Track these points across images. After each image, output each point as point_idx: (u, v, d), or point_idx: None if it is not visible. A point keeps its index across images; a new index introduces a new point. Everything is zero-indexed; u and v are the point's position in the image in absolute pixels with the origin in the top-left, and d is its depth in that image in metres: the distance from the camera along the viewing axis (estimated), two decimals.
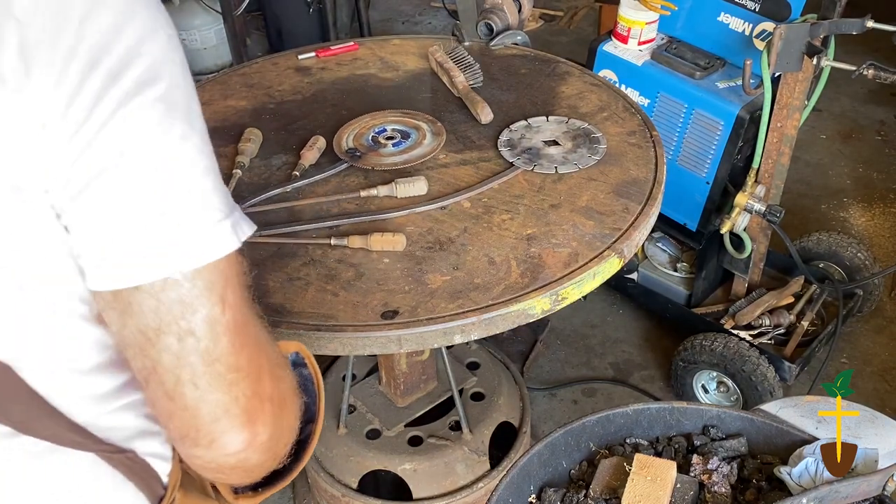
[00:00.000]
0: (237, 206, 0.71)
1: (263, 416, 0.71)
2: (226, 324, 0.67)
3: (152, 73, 0.63)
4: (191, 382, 0.67)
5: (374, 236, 1.35)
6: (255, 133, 1.64)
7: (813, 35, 1.88)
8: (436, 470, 1.90)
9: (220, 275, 0.67)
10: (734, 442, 1.05)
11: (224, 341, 0.67)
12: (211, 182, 0.67)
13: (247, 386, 0.69)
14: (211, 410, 0.68)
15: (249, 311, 0.72)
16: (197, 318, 0.66)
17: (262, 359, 0.72)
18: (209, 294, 0.66)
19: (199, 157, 0.66)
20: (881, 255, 2.88)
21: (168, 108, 0.64)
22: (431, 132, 1.64)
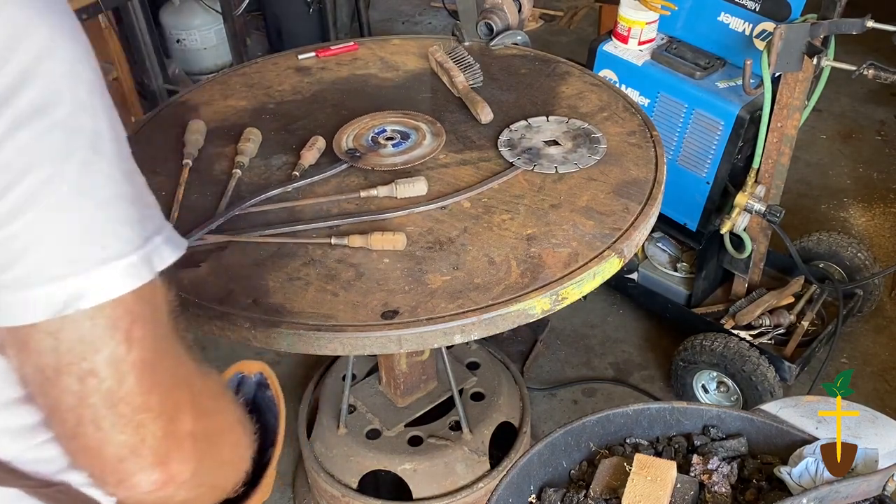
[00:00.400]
0: (164, 227, 0.67)
1: (181, 454, 0.67)
2: (132, 363, 0.63)
3: (51, 95, 0.58)
4: (93, 423, 0.63)
5: (374, 235, 1.35)
6: (255, 133, 1.64)
7: (813, 35, 1.88)
8: (436, 470, 1.90)
9: (126, 311, 0.62)
10: (734, 442, 1.05)
11: (130, 381, 0.63)
12: (119, 211, 0.62)
13: (157, 427, 0.65)
14: (116, 451, 0.64)
15: (168, 345, 0.68)
16: (99, 357, 0.61)
17: (179, 395, 0.68)
18: (112, 332, 0.62)
19: (104, 186, 0.61)
20: (881, 255, 2.88)
21: (68, 134, 0.59)
22: (431, 133, 1.64)
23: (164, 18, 3.83)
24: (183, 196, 1.50)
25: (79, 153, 0.60)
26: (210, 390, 0.74)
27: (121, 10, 3.03)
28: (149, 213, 0.66)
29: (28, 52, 0.57)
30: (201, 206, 1.49)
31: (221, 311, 1.26)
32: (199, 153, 1.62)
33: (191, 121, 1.66)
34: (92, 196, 0.60)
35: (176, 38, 3.84)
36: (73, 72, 0.60)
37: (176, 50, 3.87)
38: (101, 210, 0.61)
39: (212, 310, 1.26)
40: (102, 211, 0.61)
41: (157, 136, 1.69)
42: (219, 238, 1.39)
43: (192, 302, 1.27)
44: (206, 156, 1.63)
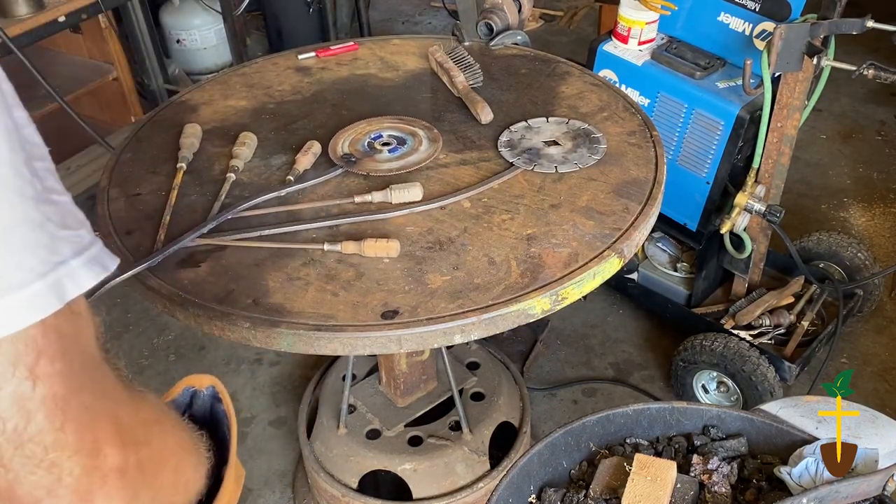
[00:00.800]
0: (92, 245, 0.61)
1: (106, 490, 0.63)
2: (40, 399, 0.58)
3: None
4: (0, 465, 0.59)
5: (367, 242, 1.35)
6: (250, 137, 1.63)
7: (813, 35, 1.88)
8: (436, 470, 1.90)
9: (29, 345, 0.57)
10: (734, 442, 1.05)
11: (38, 419, 0.58)
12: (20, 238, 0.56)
13: (75, 463, 0.61)
14: (28, 492, 0.60)
15: (87, 375, 0.63)
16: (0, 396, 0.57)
17: (101, 429, 0.63)
18: (13, 369, 0.57)
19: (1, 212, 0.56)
20: (881, 255, 2.88)
21: None
22: (428, 138, 1.64)
23: (164, 18, 3.83)
24: (181, 196, 1.50)
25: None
26: (142, 419, 0.70)
27: (121, 10, 3.03)
28: (66, 235, 0.59)
29: None
30: (200, 206, 1.49)
31: (221, 311, 1.26)
32: (200, 153, 1.62)
33: (186, 124, 1.66)
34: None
35: (176, 38, 3.84)
36: None
37: (176, 50, 3.87)
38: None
39: (212, 310, 1.26)
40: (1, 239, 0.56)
41: (157, 136, 1.69)
42: (211, 241, 1.39)
43: (192, 302, 1.27)
44: (206, 156, 1.63)
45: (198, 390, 0.94)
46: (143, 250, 1.38)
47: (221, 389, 0.94)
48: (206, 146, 1.65)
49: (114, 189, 1.54)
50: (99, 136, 2.71)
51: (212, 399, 0.94)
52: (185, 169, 1.56)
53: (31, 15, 2.57)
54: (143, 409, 0.71)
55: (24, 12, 2.57)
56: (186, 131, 1.64)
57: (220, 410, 0.93)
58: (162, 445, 0.72)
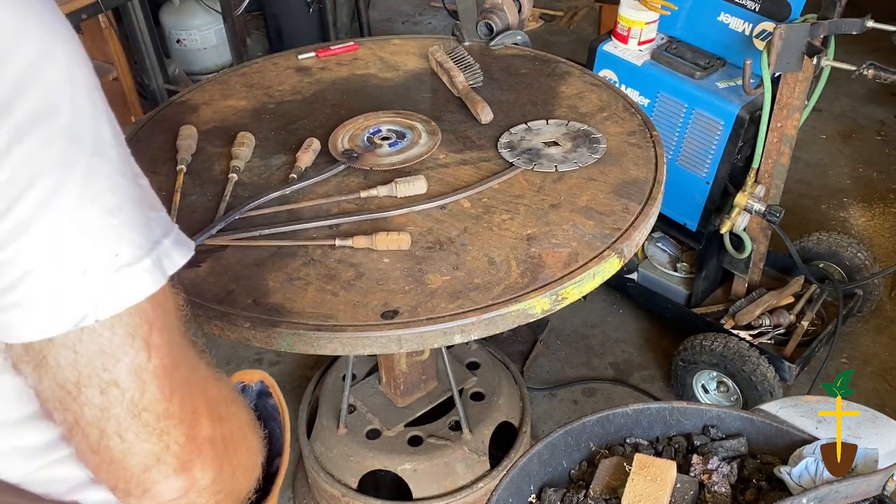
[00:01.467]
0: (172, 228, 0.65)
1: (202, 460, 0.66)
2: (153, 370, 0.62)
3: (50, 102, 0.56)
4: (117, 435, 0.62)
5: (379, 235, 1.35)
6: (248, 137, 1.63)
7: (813, 35, 1.88)
8: (436, 470, 1.90)
9: (144, 318, 0.61)
10: (734, 442, 1.05)
11: (152, 389, 0.62)
12: (127, 216, 0.60)
13: (180, 432, 0.64)
14: (141, 461, 0.63)
15: (182, 350, 0.67)
16: (120, 367, 0.60)
17: (197, 401, 0.67)
18: (132, 341, 0.61)
19: (111, 191, 0.60)
20: (881, 255, 2.88)
21: (70, 141, 0.57)
22: (427, 132, 1.64)
23: (164, 18, 3.83)
24: (182, 198, 1.50)
25: (83, 160, 0.58)
26: (223, 395, 0.73)
27: (121, 10, 3.03)
28: (155, 216, 0.64)
29: (23, 59, 0.55)
30: (201, 206, 1.49)
31: (221, 311, 1.26)
32: (199, 153, 1.63)
33: (182, 126, 1.66)
34: (100, 203, 0.59)
35: (176, 38, 3.84)
36: (71, 76, 0.58)
37: (176, 50, 3.87)
38: (110, 216, 0.59)
39: (212, 310, 1.26)
40: (112, 217, 0.59)
41: (157, 136, 1.69)
42: (219, 241, 1.39)
43: (192, 302, 1.27)
44: (206, 156, 1.63)
45: (247, 385, 0.96)
46: None
47: (271, 383, 0.97)
48: (205, 146, 1.65)
49: None
50: None
51: (258, 395, 0.96)
52: (184, 171, 1.56)
53: None
54: (223, 386, 0.74)
55: None
56: (183, 133, 1.64)
57: (267, 405, 0.95)
58: (238, 424, 0.75)
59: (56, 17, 0.58)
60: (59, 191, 0.57)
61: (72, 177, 0.57)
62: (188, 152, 1.60)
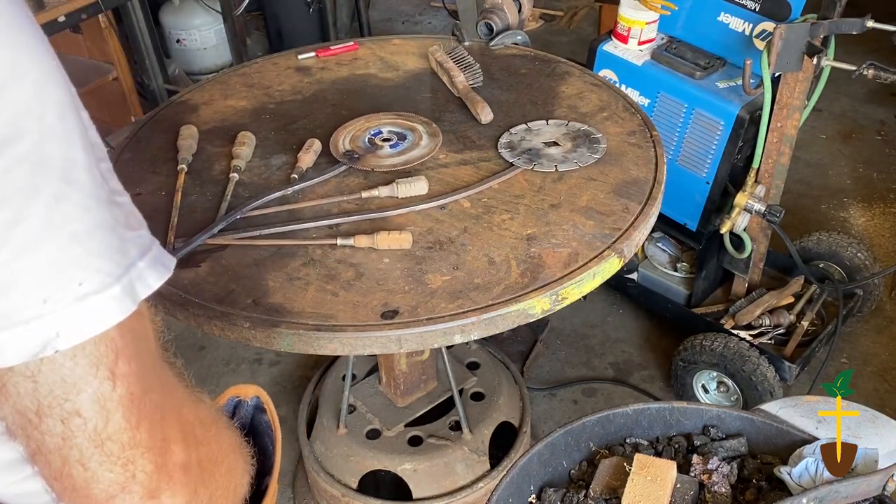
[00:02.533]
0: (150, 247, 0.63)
1: (172, 486, 0.65)
2: (118, 399, 0.60)
3: (14, 126, 0.53)
4: (79, 463, 0.60)
5: (380, 235, 1.35)
6: (249, 137, 1.63)
7: (813, 35, 1.88)
8: (436, 470, 1.90)
9: (109, 346, 0.59)
10: (734, 442, 1.05)
11: (116, 418, 0.60)
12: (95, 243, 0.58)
13: (147, 461, 0.62)
14: (104, 489, 0.61)
15: (156, 375, 0.65)
16: (82, 397, 0.58)
17: (169, 427, 0.65)
18: (95, 371, 0.59)
19: (77, 218, 0.57)
20: (881, 255, 2.88)
21: (34, 167, 0.54)
22: (427, 133, 1.64)
23: (164, 18, 3.83)
24: (182, 198, 1.50)
25: (48, 187, 0.55)
26: (201, 418, 0.72)
27: (121, 10, 3.03)
28: (131, 237, 0.61)
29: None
30: (201, 206, 1.49)
31: (221, 311, 1.26)
32: (199, 153, 1.63)
33: (182, 126, 1.66)
34: (64, 230, 0.56)
35: (176, 38, 3.85)
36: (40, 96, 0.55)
37: (176, 50, 3.87)
38: (75, 244, 0.57)
39: (212, 310, 1.26)
40: (77, 245, 0.57)
41: (157, 136, 1.69)
42: (219, 241, 1.39)
43: (192, 302, 1.27)
44: (206, 156, 1.63)
45: (242, 400, 0.95)
46: None
47: (266, 400, 0.95)
48: (205, 146, 1.65)
49: None
50: (99, 135, 2.70)
51: (254, 409, 0.95)
52: (185, 170, 1.56)
53: None
54: (202, 408, 0.73)
55: None
56: (183, 133, 1.64)
57: (262, 421, 0.94)
58: (218, 446, 0.74)
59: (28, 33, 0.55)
60: (18, 222, 0.54)
61: (35, 205, 0.55)
62: (189, 152, 1.60)
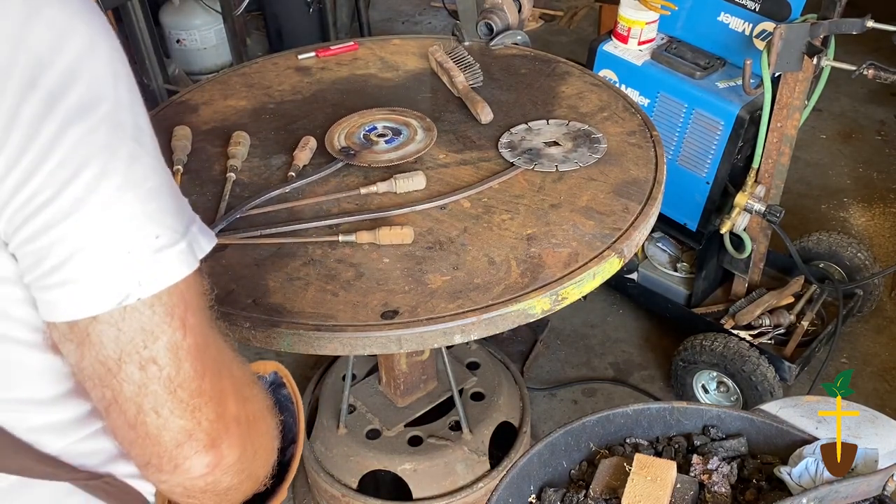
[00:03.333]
0: (195, 217, 0.69)
1: (229, 437, 0.69)
2: (188, 348, 0.65)
3: (95, 91, 0.60)
4: (153, 411, 0.65)
5: (382, 230, 1.36)
6: (244, 136, 1.64)
7: (813, 35, 1.88)
8: (436, 470, 1.90)
9: (181, 298, 0.65)
10: (734, 442, 1.05)
11: (186, 366, 0.65)
12: (164, 201, 0.64)
13: (210, 409, 0.67)
14: (174, 437, 0.66)
15: (211, 331, 0.70)
16: (158, 345, 0.64)
17: (225, 380, 0.70)
18: (170, 319, 0.64)
19: (150, 177, 0.64)
20: (881, 255, 2.88)
21: (113, 128, 0.61)
22: (422, 128, 1.65)
23: (164, 18, 3.83)
24: None
25: (125, 146, 0.62)
26: (246, 377, 0.76)
27: (121, 10, 3.03)
28: (184, 203, 0.68)
29: (71, 51, 0.58)
30: (201, 206, 1.49)
31: (221, 311, 1.24)
32: (199, 154, 1.63)
33: (176, 127, 1.66)
34: (141, 187, 0.62)
35: (176, 38, 3.84)
36: (112, 69, 0.62)
37: (176, 50, 3.87)
38: (151, 200, 0.63)
39: (212, 310, 1.26)
40: (152, 201, 0.63)
41: (157, 136, 1.68)
42: (220, 240, 1.39)
43: None
44: (206, 156, 1.63)
45: (261, 375, 0.98)
46: None
47: (286, 374, 0.99)
48: (205, 146, 1.65)
49: None
50: None
51: (271, 385, 0.98)
52: (181, 171, 1.56)
53: None
54: (245, 368, 0.77)
55: None
56: (177, 133, 1.64)
57: (281, 395, 0.97)
58: (258, 407, 0.77)
59: (98, 15, 0.62)
60: (105, 175, 0.60)
61: (116, 162, 0.61)
62: (183, 152, 1.60)
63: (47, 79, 0.57)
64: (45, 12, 0.58)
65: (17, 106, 0.57)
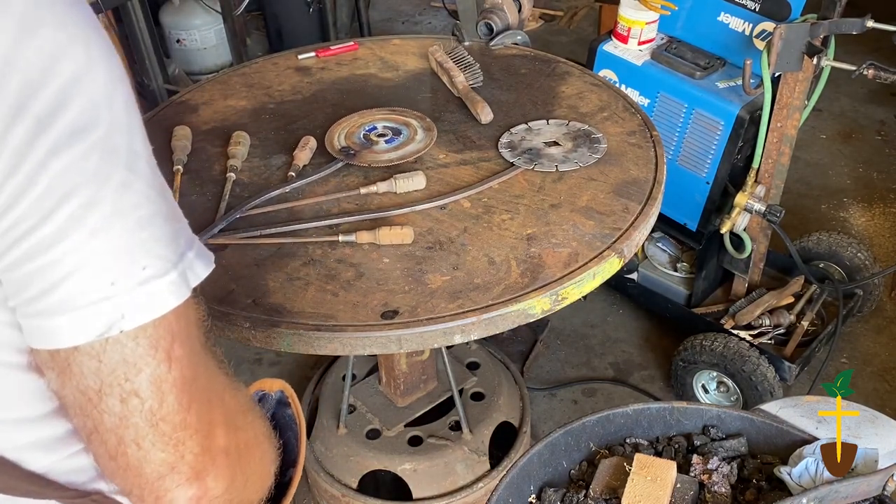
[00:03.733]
0: (194, 240, 0.67)
1: (216, 469, 0.68)
2: (172, 381, 0.64)
3: (88, 116, 0.58)
4: (134, 443, 0.64)
5: (382, 230, 1.36)
6: (244, 136, 1.64)
7: (813, 35, 1.88)
8: (436, 470, 1.90)
9: (167, 330, 0.63)
10: (734, 442, 1.05)
11: (170, 400, 0.64)
12: (156, 230, 0.62)
13: (195, 442, 0.66)
14: (155, 469, 0.65)
15: (202, 360, 0.68)
16: (141, 377, 0.62)
17: (214, 411, 0.68)
18: (154, 352, 0.62)
19: (142, 205, 0.61)
20: (881, 255, 2.87)
21: (105, 155, 0.59)
22: (422, 128, 1.65)
23: (164, 18, 3.83)
24: (181, 198, 1.51)
25: (117, 174, 0.60)
26: (240, 405, 0.75)
27: (121, 10, 3.03)
28: (181, 228, 0.66)
29: (65, 73, 0.56)
30: (201, 206, 1.49)
31: (221, 311, 1.26)
32: (199, 154, 1.63)
33: (176, 127, 1.66)
34: (131, 216, 0.61)
35: (176, 38, 3.84)
36: (109, 91, 0.60)
37: (176, 50, 3.87)
38: (140, 230, 0.61)
39: (212, 310, 1.26)
40: (142, 231, 0.61)
41: (157, 136, 1.69)
42: (220, 240, 1.39)
43: None
44: (206, 156, 1.63)
45: (267, 393, 0.97)
46: None
47: (291, 394, 0.97)
48: (205, 146, 1.65)
49: None
50: None
51: (277, 403, 0.97)
52: (181, 171, 1.57)
53: None
54: (240, 395, 0.76)
55: None
56: (177, 133, 1.64)
57: (286, 415, 0.96)
58: (254, 433, 0.76)
59: (98, 33, 0.59)
60: (93, 204, 0.58)
61: (106, 190, 0.59)
62: (183, 153, 1.60)
63: (38, 103, 0.55)
64: (41, 32, 0.55)
65: (4, 131, 0.55)
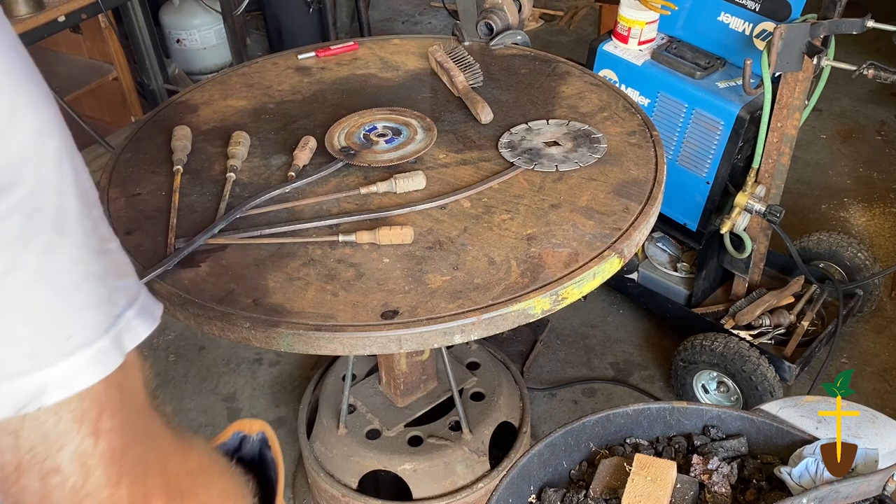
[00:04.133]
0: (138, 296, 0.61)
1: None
2: (99, 456, 0.58)
3: (10, 174, 0.51)
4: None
5: (382, 230, 1.36)
6: (244, 136, 1.64)
7: (813, 35, 1.88)
8: (436, 470, 1.90)
9: (94, 401, 0.57)
10: (734, 442, 1.05)
11: (96, 475, 0.58)
12: (85, 295, 0.56)
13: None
14: None
15: (141, 427, 0.63)
16: (63, 454, 0.57)
17: (151, 482, 0.63)
18: (79, 427, 0.57)
19: (69, 269, 0.55)
20: (881, 255, 2.87)
21: (28, 217, 0.52)
22: (422, 128, 1.65)
23: (164, 18, 3.83)
24: (181, 198, 1.50)
25: (40, 237, 0.53)
26: (188, 468, 0.70)
27: (121, 10, 3.03)
28: (120, 286, 0.60)
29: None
30: (201, 206, 1.49)
31: (221, 311, 1.26)
32: (198, 154, 1.63)
33: (176, 127, 1.66)
34: (54, 283, 0.55)
35: (176, 38, 3.84)
36: (37, 144, 0.53)
37: (176, 50, 3.87)
38: (64, 298, 0.55)
39: (212, 310, 1.26)
40: (66, 298, 0.55)
41: (157, 136, 1.69)
42: (220, 240, 1.39)
43: (192, 302, 1.27)
44: (206, 156, 1.63)
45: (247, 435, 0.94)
46: (143, 250, 1.38)
47: (271, 436, 0.94)
48: (205, 146, 1.65)
49: (113, 189, 1.54)
50: (99, 136, 2.71)
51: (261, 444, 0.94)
52: (182, 171, 1.57)
53: (30, 15, 2.57)
54: (191, 457, 0.71)
55: (24, 12, 2.57)
56: (177, 133, 1.64)
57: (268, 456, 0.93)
58: (207, 495, 0.72)
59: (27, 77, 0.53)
60: (11, 270, 0.53)
61: (27, 255, 0.53)
62: (183, 153, 1.60)
63: None
64: None
65: None
